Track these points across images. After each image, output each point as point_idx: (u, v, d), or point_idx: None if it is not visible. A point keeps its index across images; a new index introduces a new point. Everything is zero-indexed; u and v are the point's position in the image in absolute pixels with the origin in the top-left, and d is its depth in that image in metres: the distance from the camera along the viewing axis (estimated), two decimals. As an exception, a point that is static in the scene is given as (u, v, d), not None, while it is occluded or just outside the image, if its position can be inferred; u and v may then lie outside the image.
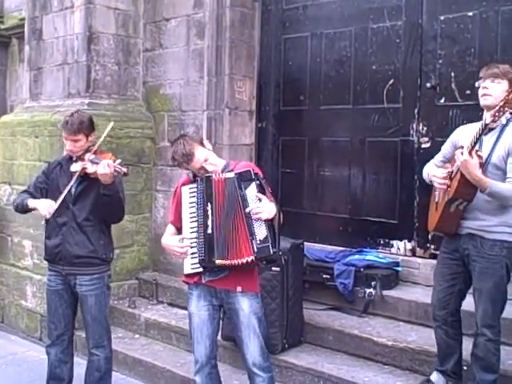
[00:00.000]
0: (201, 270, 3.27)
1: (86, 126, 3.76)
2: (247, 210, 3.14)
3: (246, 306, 3.30)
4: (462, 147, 3.20)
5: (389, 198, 4.84)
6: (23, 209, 3.84)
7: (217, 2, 5.38)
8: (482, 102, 3.31)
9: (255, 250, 3.11)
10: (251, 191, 3.18)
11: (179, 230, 3.41)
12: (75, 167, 3.66)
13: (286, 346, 4.32)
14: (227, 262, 3.18)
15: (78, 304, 3.87)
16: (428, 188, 3.73)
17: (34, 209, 3.78)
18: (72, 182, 3.65)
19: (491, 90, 3.25)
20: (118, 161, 3.60)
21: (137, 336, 5.19)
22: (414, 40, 4.72)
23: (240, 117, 5.47)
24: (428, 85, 4.62)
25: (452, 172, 3.32)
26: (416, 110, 4.70)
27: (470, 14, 4.45)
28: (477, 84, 3.38)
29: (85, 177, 3.68)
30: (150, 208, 5.87)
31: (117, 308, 5.43)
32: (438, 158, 3.62)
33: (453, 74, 4.51)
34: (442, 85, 4.58)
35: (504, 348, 3.75)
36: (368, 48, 4.97)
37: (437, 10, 4.62)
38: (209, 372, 3.40)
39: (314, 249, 4.97)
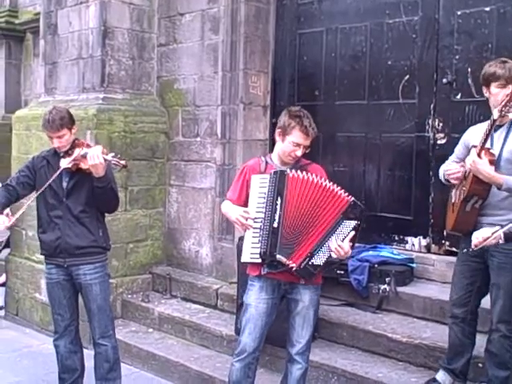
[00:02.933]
0: (259, 260, 3.28)
1: (67, 120, 3.77)
2: (332, 241, 3.14)
3: (307, 299, 3.37)
4: (476, 146, 3.20)
5: (404, 194, 4.82)
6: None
7: (232, -3, 5.37)
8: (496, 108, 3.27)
9: (301, 266, 3.18)
10: (348, 225, 3.18)
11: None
12: (64, 163, 3.67)
13: (300, 341, 4.32)
14: (284, 261, 3.21)
15: (79, 295, 3.91)
16: (443, 184, 3.71)
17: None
18: (54, 177, 3.65)
19: (502, 97, 3.22)
20: (111, 154, 3.61)
21: (150, 330, 5.22)
22: (430, 35, 4.68)
23: (254, 112, 5.46)
24: (444, 80, 4.58)
25: (466, 172, 3.33)
26: (432, 106, 4.67)
27: (488, 9, 4.41)
28: (483, 90, 3.39)
29: (76, 171, 3.70)
30: (163, 203, 5.88)
31: (130, 302, 5.46)
32: (452, 158, 3.64)
33: (469, 70, 4.47)
34: (458, 80, 4.54)
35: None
36: (384, 43, 4.94)
37: (454, 4, 4.58)
38: (250, 362, 3.44)
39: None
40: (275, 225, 3.21)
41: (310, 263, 3.19)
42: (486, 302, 3.50)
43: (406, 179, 4.81)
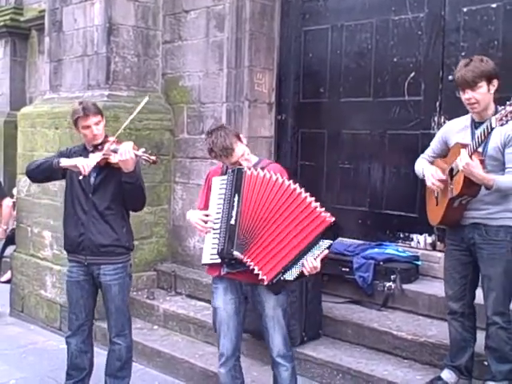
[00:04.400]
0: (218, 261, 3.27)
1: (99, 108, 3.79)
2: (306, 257, 3.12)
3: (271, 299, 3.34)
4: (464, 146, 3.21)
5: (409, 192, 4.80)
6: (50, 168, 3.69)
7: (237, -6, 5.37)
8: (473, 111, 3.35)
9: (273, 280, 3.14)
10: (323, 245, 3.17)
11: None
12: (94, 157, 3.64)
13: (305, 338, 4.33)
14: (242, 257, 3.19)
15: (99, 294, 3.90)
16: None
17: (66, 168, 3.66)
18: (94, 162, 3.59)
19: (475, 98, 3.27)
20: (142, 149, 3.61)
21: (155, 327, 5.22)
22: (436, 32, 4.67)
23: (259, 109, 5.46)
24: (450, 77, 4.55)
25: (452, 169, 3.35)
26: (437, 103, 4.66)
27: (494, 5, 4.40)
28: (460, 94, 3.41)
29: (104, 167, 3.67)
30: (168, 200, 5.88)
31: (136, 299, 5.46)
32: (428, 152, 3.67)
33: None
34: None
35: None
36: (389, 40, 4.93)
37: (460, 1, 4.56)
38: (233, 364, 3.46)
39: (334, 242, 4.94)
40: (232, 222, 3.20)
41: (282, 278, 3.14)
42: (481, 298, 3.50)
43: (412, 176, 4.74)
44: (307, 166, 5.43)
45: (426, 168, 3.55)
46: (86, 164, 3.55)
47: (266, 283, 3.16)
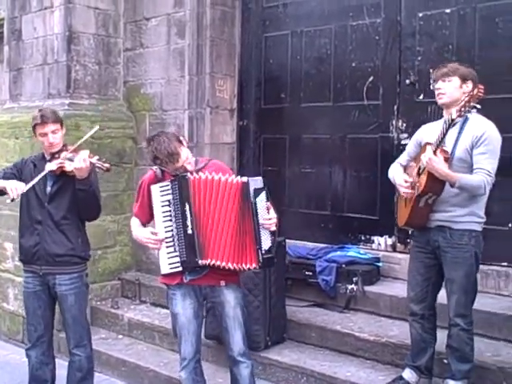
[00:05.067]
0: (180, 269, 3.29)
1: (59, 116, 3.76)
2: (260, 221, 3.16)
3: (231, 298, 3.38)
4: (430, 143, 3.26)
5: (369, 195, 4.87)
6: None
7: (197, 1, 5.38)
8: (439, 101, 3.43)
9: (260, 259, 3.17)
10: (262, 200, 3.19)
11: (144, 224, 3.46)
12: (51, 166, 3.62)
13: (269, 343, 4.33)
14: (217, 263, 3.21)
15: (57, 304, 3.84)
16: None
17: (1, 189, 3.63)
18: (40, 176, 3.58)
19: (444, 89, 3.36)
20: (96, 157, 3.58)
21: (120, 336, 5.17)
22: (392, 37, 4.75)
23: (221, 115, 5.48)
24: (407, 81, 4.66)
25: (420, 168, 3.38)
26: (395, 107, 4.74)
27: (448, 10, 4.49)
28: (431, 87, 3.47)
29: (60, 175, 3.64)
30: (131, 208, 5.82)
31: (100, 309, 5.41)
32: (404, 157, 3.71)
33: (431, 71, 4.48)
34: (420, 81, 4.61)
35: (483, 340, 3.84)
36: (348, 45, 5.00)
37: (415, 6, 4.65)
38: (194, 367, 3.46)
39: (296, 246, 4.98)
40: (189, 231, 3.22)
41: (263, 252, 3.18)
42: (444, 298, 3.54)
43: (372, 179, 4.86)
44: (270, 172, 5.45)
45: (397, 176, 3.58)
46: (15, 188, 3.52)
47: (259, 267, 3.21)
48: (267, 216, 3.19)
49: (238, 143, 5.61)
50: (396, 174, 3.62)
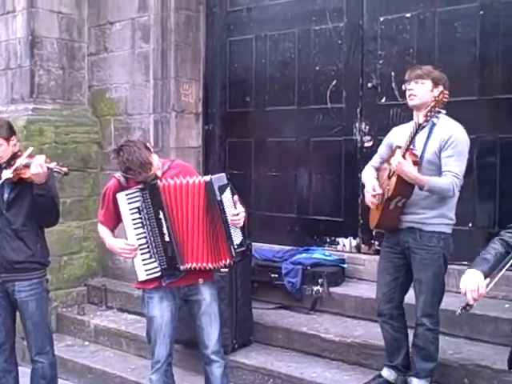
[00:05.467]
0: (157, 275, 3.31)
1: (5, 130, 3.64)
2: (228, 217, 3.20)
3: (208, 295, 3.41)
4: (400, 147, 3.30)
5: (334, 197, 4.92)
6: None
7: (161, 5, 5.39)
8: (410, 102, 3.45)
9: (233, 254, 3.23)
10: (227, 196, 3.23)
11: (112, 230, 3.45)
12: (7, 174, 3.56)
13: (236, 346, 4.33)
14: (195, 266, 3.25)
15: (17, 311, 3.79)
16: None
17: None
18: None
19: (416, 91, 3.39)
20: (54, 163, 3.55)
21: (86, 343, 5.13)
22: (355, 41, 4.81)
23: (186, 119, 5.48)
24: (369, 85, 4.72)
25: (390, 171, 3.42)
26: (358, 110, 4.79)
27: (408, 15, 4.57)
28: (403, 87, 3.51)
29: (18, 182, 3.59)
30: (97, 213, 5.78)
31: (65, 316, 5.37)
32: (376, 159, 3.74)
33: (393, 74, 4.61)
34: (382, 84, 4.68)
35: (445, 338, 3.88)
36: (311, 49, 5.05)
37: (376, 11, 4.72)
38: (165, 370, 3.47)
39: (262, 249, 5.00)
40: (167, 239, 3.24)
41: (235, 246, 3.23)
42: (413, 298, 3.58)
43: (336, 182, 4.91)
44: (236, 175, 5.43)
45: (368, 181, 3.60)
46: None
47: (233, 263, 3.27)
48: (235, 211, 3.23)
49: (204, 147, 5.62)
50: (367, 178, 3.63)
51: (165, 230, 3.24)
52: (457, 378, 3.64)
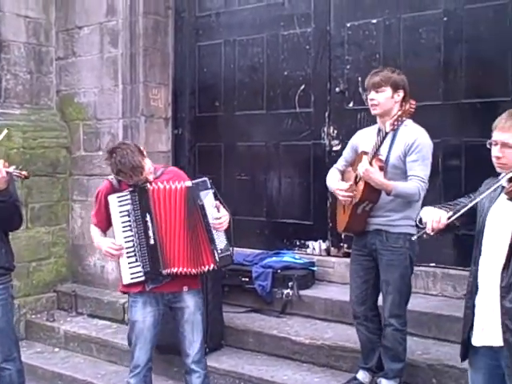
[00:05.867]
0: (142, 279, 3.32)
1: None
2: (210, 221, 3.22)
3: (192, 304, 3.42)
4: (366, 153, 3.36)
5: (303, 200, 4.97)
6: None
7: (130, 10, 5.37)
8: (373, 112, 3.51)
9: (217, 259, 3.25)
10: (209, 200, 3.24)
11: (104, 232, 3.48)
12: None
13: (207, 350, 4.31)
14: (177, 271, 3.26)
15: None
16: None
17: None
18: None
19: (377, 100, 3.44)
20: (13, 167, 3.52)
21: (56, 350, 5.09)
22: (322, 46, 4.87)
23: (156, 124, 5.48)
24: (337, 89, 4.78)
25: (357, 176, 3.48)
26: (326, 114, 4.85)
27: (374, 21, 4.64)
28: (364, 96, 3.56)
29: None
30: (66, 219, 5.76)
31: (35, 322, 5.32)
32: (341, 162, 3.79)
33: (360, 79, 4.66)
34: (350, 89, 4.74)
35: (413, 339, 3.96)
36: (280, 54, 5.09)
37: (343, 17, 4.79)
38: (144, 375, 3.48)
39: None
40: (152, 242, 3.27)
41: (219, 251, 3.26)
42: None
43: (305, 185, 4.96)
44: (205, 180, 5.49)
45: (334, 184, 3.66)
46: None
47: (217, 267, 3.28)
48: (217, 215, 3.24)
49: (174, 152, 5.63)
50: (332, 180, 3.70)
51: (150, 234, 3.26)
52: (425, 379, 3.71)
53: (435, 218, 2.47)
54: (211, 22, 5.48)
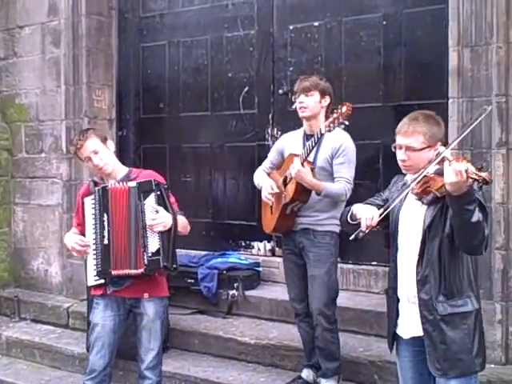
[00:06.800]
0: (103, 281, 3.30)
1: None
2: (148, 223, 3.19)
3: (151, 311, 3.37)
4: (297, 155, 3.44)
5: (248, 201, 4.99)
6: None
7: (72, 10, 5.30)
8: (302, 114, 3.61)
9: (145, 262, 3.20)
10: (150, 202, 3.22)
11: (83, 235, 3.42)
12: None
13: (154, 353, 4.32)
14: (121, 272, 3.24)
15: None
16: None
17: None
18: None
19: (306, 103, 3.55)
20: None
21: (-2, 356, 4.99)
22: (266, 48, 4.91)
23: (100, 125, 5.39)
24: (280, 91, 4.83)
25: (286, 178, 3.56)
26: (270, 116, 4.90)
27: (316, 24, 4.70)
28: (293, 98, 3.67)
29: None
30: (8, 222, 5.64)
31: (-25, 329, 5.19)
32: (266, 164, 3.89)
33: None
34: (293, 91, 4.74)
35: (355, 336, 4.05)
36: (224, 56, 5.11)
37: (286, 19, 4.83)
38: (101, 380, 3.43)
39: (179, 254, 4.92)
40: (106, 242, 3.25)
41: (150, 254, 3.21)
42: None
43: (250, 186, 4.94)
44: (151, 181, 5.46)
45: (264, 181, 3.72)
46: None
47: (144, 272, 3.21)
48: (153, 217, 3.21)
49: (118, 153, 5.44)
50: (262, 179, 3.77)
51: (105, 234, 3.25)
52: (367, 375, 3.78)
53: (368, 215, 2.55)
54: (155, 22, 5.45)
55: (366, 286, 4.50)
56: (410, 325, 2.61)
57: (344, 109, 3.27)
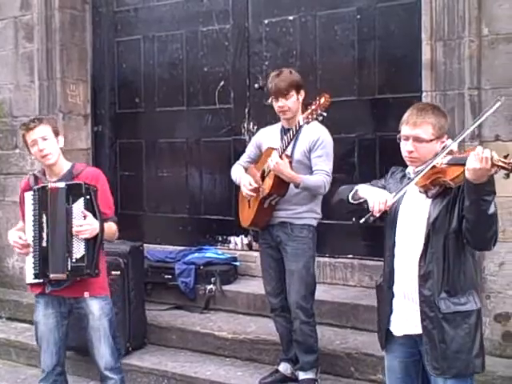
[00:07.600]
0: (41, 280, 3.23)
1: None
2: (74, 227, 3.11)
3: (96, 309, 3.30)
4: (275, 149, 3.45)
5: (225, 196, 4.99)
6: None
7: (45, 4, 5.25)
8: (284, 117, 3.60)
9: (69, 268, 3.12)
10: (78, 206, 3.14)
11: None
12: None
13: (130, 349, 4.32)
14: (62, 276, 3.16)
15: None
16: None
17: None
18: None
19: (287, 106, 3.53)
20: None
21: (-27, 355, 4.93)
22: (241, 43, 4.90)
23: (74, 121, 5.38)
24: (256, 85, 4.82)
25: (264, 171, 3.56)
26: (246, 110, 4.89)
27: (291, 18, 4.70)
28: (269, 101, 3.65)
29: None
30: (-15, 219, 5.58)
31: (-51, 328, 5.13)
32: (244, 159, 3.89)
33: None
34: (268, 85, 4.77)
35: (332, 329, 4.08)
36: (199, 50, 5.09)
37: (261, 14, 4.82)
38: (54, 380, 3.39)
39: (155, 250, 5.01)
40: (44, 244, 3.17)
41: (74, 260, 3.12)
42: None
43: (226, 181, 4.95)
44: (127, 177, 5.44)
45: (242, 177, 3.71)
46: None
47: (67, 278, 3.14)
48: (80, 223, 3.12)
49: (94, 149, 5.54)
50: (240, 174, 3.76)
51: (44, 235, 3.16)
52: (344, 367, 3.81)
53: (381, 199, 2.45)
54: (130, 17, 5.42)
55: (343, 279, 4.52)
56: (404, 322, 2.52)
57: (322, 100, 3.28)
